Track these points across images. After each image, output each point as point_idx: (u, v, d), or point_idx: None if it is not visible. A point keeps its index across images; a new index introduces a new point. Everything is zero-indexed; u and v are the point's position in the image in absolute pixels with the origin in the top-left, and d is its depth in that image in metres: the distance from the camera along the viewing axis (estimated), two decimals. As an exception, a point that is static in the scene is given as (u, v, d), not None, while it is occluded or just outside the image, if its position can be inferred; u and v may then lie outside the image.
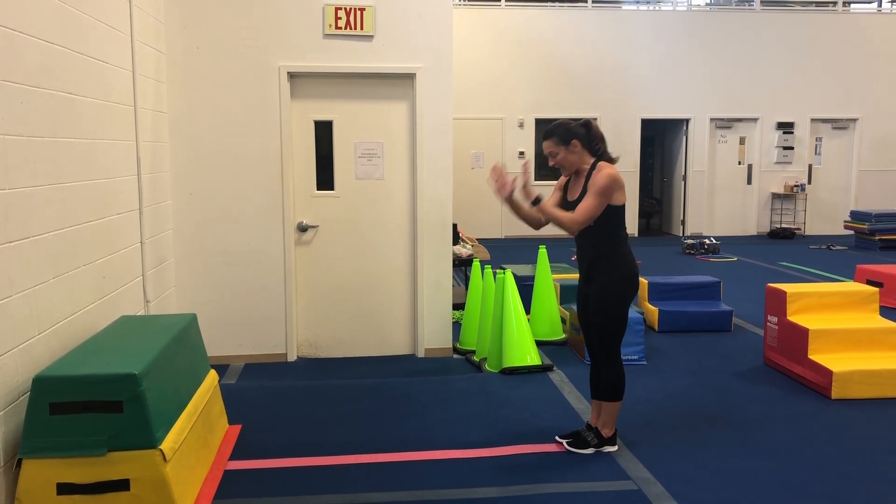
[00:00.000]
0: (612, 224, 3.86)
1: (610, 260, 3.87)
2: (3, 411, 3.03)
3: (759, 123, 14.66)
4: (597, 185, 3.72)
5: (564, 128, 3.83)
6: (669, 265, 10.78)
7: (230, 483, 3.67)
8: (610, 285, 3.87)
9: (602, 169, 3.75)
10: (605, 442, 4.03)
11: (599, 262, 3.89)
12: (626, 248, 3.93)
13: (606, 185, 3.70)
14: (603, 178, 3.71)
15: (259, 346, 5.86)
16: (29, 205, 3.27)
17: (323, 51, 5.68)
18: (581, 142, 3.82)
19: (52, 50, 3.54)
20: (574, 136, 3.81)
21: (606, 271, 3.87)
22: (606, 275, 3.87)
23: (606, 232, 3.86)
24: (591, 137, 3.85)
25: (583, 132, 3.84)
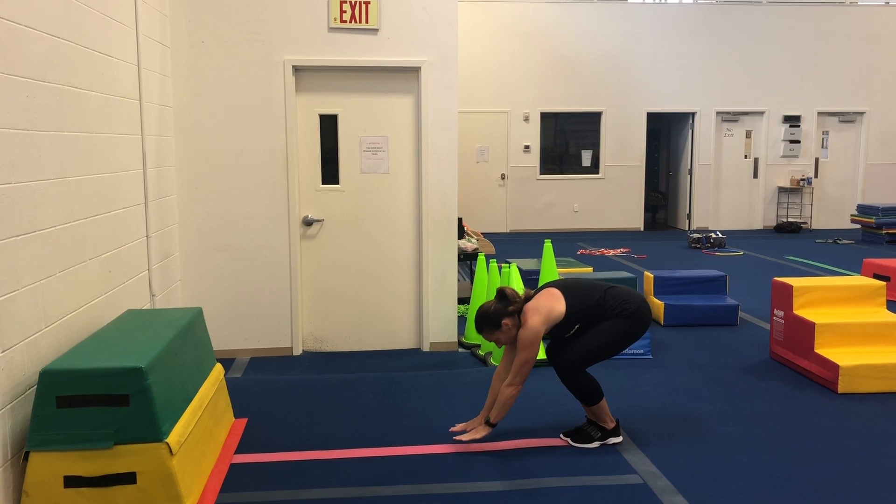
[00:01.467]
0: (577, 319, 3.91)
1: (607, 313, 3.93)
2: (11, 405, 3.04)
3: (766, 117, 14.60)
4: (521, 342, 3.82)
5: (487, 317, 3.89)
6: (675, 259, 10.76)
7: (236, 476, 3.68)
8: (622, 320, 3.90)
9: (526, 324, 3.81)
10: (608, 434, 4.03)
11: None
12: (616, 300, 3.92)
13: (529, 340, 3.79)
14: (526, 335, 3.81)
15: (265, 340, 5.87)
16: (34, 199, 3.28)
17: (328, 44, 5.68)
18: (508, 317, 3.86)
19: (57, 43, 3.54)
20: (500, 318, 3.87)
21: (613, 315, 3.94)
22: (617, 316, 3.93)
23: (583, 319, 3.91)
24: (510, 304, 3.87)
25: (502, 307, 3.87)
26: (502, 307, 3.86)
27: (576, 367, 3.92)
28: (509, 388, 3.87)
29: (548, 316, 3.82)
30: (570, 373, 3.93)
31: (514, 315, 3.86)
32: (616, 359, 5.66)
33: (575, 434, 4.07)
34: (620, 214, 14.52)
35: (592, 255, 11.11)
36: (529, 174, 14.27)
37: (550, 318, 3.83)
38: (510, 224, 14.28)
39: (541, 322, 3.80)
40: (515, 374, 3.84)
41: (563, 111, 14.24)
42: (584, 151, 14.47)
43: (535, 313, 3.81)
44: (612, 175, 14.44)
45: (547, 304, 3.85)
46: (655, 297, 6.90)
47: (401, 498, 3.46)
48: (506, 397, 3.88)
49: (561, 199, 14.38)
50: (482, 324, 3.89)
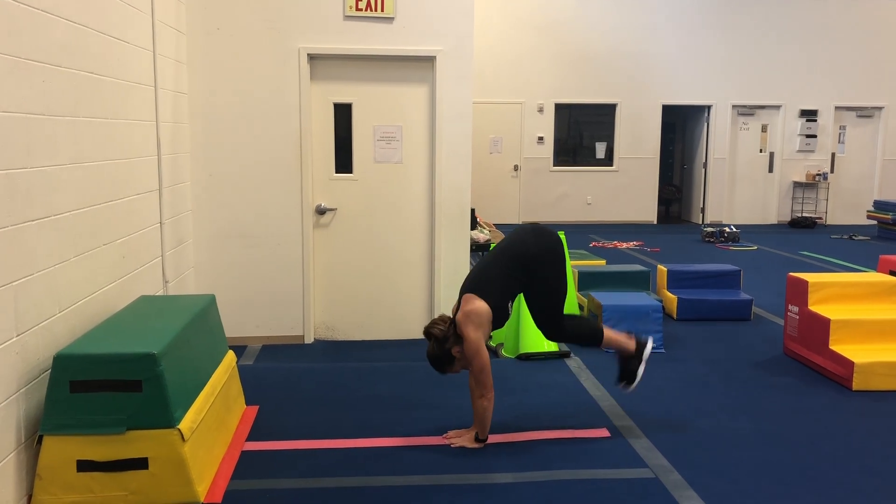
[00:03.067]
0: (504, 299, 3.90)
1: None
2: (25, 388, 3.06)
3: (782, 111, 14.48)
4: (467, 355, 3.82)
5: (438, 359, 3.88)
6: (688, 253, 10.70)
7: (247, 463, 3.69)
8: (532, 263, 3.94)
9: (465, 338, 3.79)
10: (640, 354, 4.08)
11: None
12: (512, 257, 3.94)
13: (473, 350, 3.78)
14: (468, 348, 3.79)
15: (276, 328, 5.88)
16: (50, 183, 3.28)
17: (343, 32, 5.66)
18: (452, 346, 3.84)
19: (74, 28, 3.54)
20: (447, 352, 3.85)
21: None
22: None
23: (510, 294, 3.93)
24: (444, 339, 3.85)
25: (440, 344, 3.85)
26: (440, 343, 3.84)
27: (558, 328, 3.99)
28: (480, 401, 3.85)
29: (477, 320, 3.79)
30: (557, 334, 4.02)
31: (455, 340, 3.84)
32: (628, 352, 5.63)
33: (623, 375, 4.12)
34: (634, 207, 14.45)
35: (605, 248, 11.07)
36: (543, 166, 14.22)
37: (480, 321, 3.79)
38: (523, 215, 14.24)
39: (473, 330, 3.78)
40: (479, 385, 3.83)
41: (578, 103, 14.17)
42: (598, 143, 14.40)
43: (466, 325, 3.79)
44: (626, 167, 14.37)
45: (470, 308, 3.80)
46: (668, 291, 6.86)
47: (411, 488, 3.45)
48: (480, 411, 3.87)
49: (574, 191, 14.33)
50: (440, 366, 3.89)
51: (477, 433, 3.92)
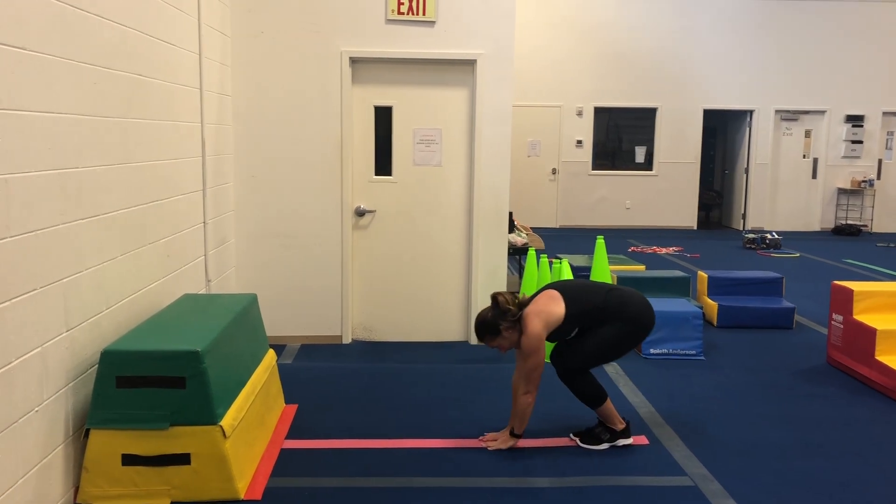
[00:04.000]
0: (577, 322, 3.85)
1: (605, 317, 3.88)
2: (73, 382, 3.13)
3: (827, 116, 14.21)
4: (525, 349, 3.80)
5: (486, 325, 3.84)
6: (729, 260, 10.56)
7: (286, 461, 3.73)
8: (623, 323, 3.86)
9: (527, 330, 3.77)
10: (618, 435, 3.98)
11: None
12: (618, 302, 3.87)
13: (533, 346, 3.75)
14: (528, 342, 3.78)
15: (315, 328, 5.93)
16: (99, 183, 3.36)
17: (385, 36, 5.69)
18: (505, 323, 3.81)
19: (124, 32, 3.62)
20: (498, 325, 3.81)
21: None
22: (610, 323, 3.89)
23: (583, 321, 3.86)
24: (504, 312, 3.81)
25: (499, 314, 3.81)
26: (499, 313, 3.81)
27: (577, 371, 3.90)
28: (525, 397, 3.84)
29: (547, 319, 3.77)
30: (572, 376, 3.91)
31: (513, 320, 3.82)
32: (667, 359, 5.58)
33: (584, 435, 4.02)
34: (674, 212, 14.30)
35: (644, 253, 10.97)
36: (581, 169, 14.14)
37: (550, 322, 3.78)
38: (560, 219, 14.17)
39: (541, 327, 3.76)
40: (528, 382, 3.81)
41: (618, 106, 14.06)
42: (638, 147, 14.28)
43: (535, 317, 3.76)
44: (666, 172, 14.22)
45: (546, 307, 3.80)
46: (709, 298, 6.78)
47: (447, 490, 3.46)
48: (523, 406, 3.85)
49: (613, 196, 14.22)
50: (482, 332, 3.86)
51: (513, 427, 3.91)
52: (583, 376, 3.91)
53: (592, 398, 3.93)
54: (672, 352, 5.63)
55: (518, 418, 3.89)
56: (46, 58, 2.90)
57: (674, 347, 5.63)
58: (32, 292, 2.80)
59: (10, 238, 2.66)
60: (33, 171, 2.80)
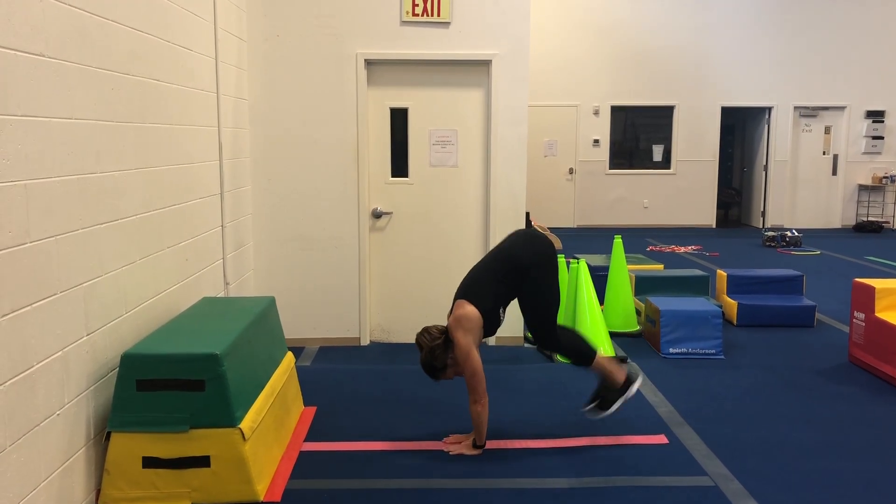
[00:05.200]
0: (496, 305, 3.89)
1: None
2: (94, 386, 3.16)
3: (847, 112, 14.07)
4: (460, 361, 3.79)
5: (432, 366, 3.85)
6: (749, 258, 10.48)
7: (305, 463, 3.75)
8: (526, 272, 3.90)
9: (456, 345, 3.79)
10: (625, 388, 4.01)
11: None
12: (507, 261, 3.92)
13: (463, 355, 3.77)
14: (459, 354, 3.78)
15: (333, 330, 5.95)
16: (118, 188, 3.39)
17: (400, 38, 5.70)
18: (443, 354, 3.83)
19: (140, 37, 3.65)
20: (437, 359, 3.83)
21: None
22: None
23: (504, 299, 3.92)
24: (433, 348, 3.82)
25: (430, 353, 3.83)
26: (430, 353, 3.82)
27: (552, 335, 3.95)
28: (474, 407, 3.83)
29: (466, 325, 3.77)
30: (547, 343, 3.98)
31: (445, 347, 3.82)
32: (686, 358, 5.55)
33: (595, 400, 4.07)
34: (692, 211, 14.21)
35: (662, 252, 10.91)
36: (598, 168, 14.09)
37: (470, 326, 3.77)
38: (577, 219, 14.12)
39: (462, 335, 3.76)
40: (472, 392, 3.81)
41: (634, 105, 14.00)
42: (655, 146, 14.20)
43: (456, 329, 3.78)
44: (684, 170, 14.14)
45: (460, 314, 3.79)
46: (728, 297, 6.73)
47: (466, 491, 3.46)
48: (476, 416, 3.85)
49: (630, 195, 14.15)
50: (432, 374, 3.88)
51: (475, 439, 3.90)
52: (559, 336, 3.96)
53: (584, 353, 3.97)
54: (691, 351, 5.59)
55: (476, 429, 3.88)
56: (65, 64, 2.93)
57: (693, 347, 5.59)
58: (53, 297, 2.83)
59: (31, 243, 2.69)
60: (53, 176, 2.83)
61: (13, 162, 2.58)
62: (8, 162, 2.55)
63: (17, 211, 2.60)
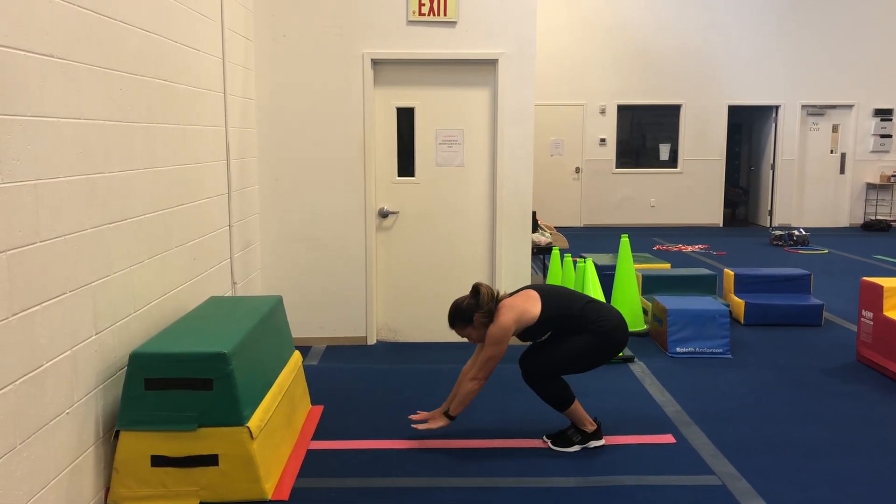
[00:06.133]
0: (550, 325, 3.85)
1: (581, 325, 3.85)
2: (103, 385, 3.17)
3: (855, 110, 14.02)
4: (490, 338, 3.78)
5: (460, 312, 3.84)
6: (756, 257, 10.45)
7: (313, 462, 3.76)
8: (595, 337, 3.82)
9: (497, 320, 3.77)
10: (589, 437, 3.93)
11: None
12: (594, 314, 3.84)
13: (498, 336, 3.74)
14: (494, 331, 3.77)
15: (340, 329, 5.96)
16: (126, 188, 3.40)
17: (406, 37, 5.71)
18: (480, 313, 3.80)
19: (149, 38, 3.67)
20: (472, 314, 3.81)
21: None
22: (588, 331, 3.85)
23: (556, 326, 3.86)
24: (482, 303, 3.80)
25: (475, 303, 3.81)
26: (475, 303, 3.80)
27: (541, 376, 3.87)
28: (471, 383, 3.82)
29: (520, 316, 3.76)
30: (538, 379, 3.88)
31: (487, 312, 3.80)
32: (693, 357, 5.54)
33: (556, 437, 3.97)
34: (699, 210, 14.18)
35: (669, 251, 10.89)
36: (605, 168, 14.07)
37: (522, 319, 3.76)
38: (584, 218, 14.11)
39: (512, 320, 3.74)
40: (480, 369, 3.80)
41: (641, 104, 13.97)
42: (662, 145, 14.18)
43: (509, 311, 3.76)
44: (691, 169, 14.11)
45: (522, 304, 3.79)
46: (735, 296, 6.72)
47: (473, 490, 3.46)
48: (467, 391, 3.84)
49: (637, 194, 14.13)
50: (454, 318, 3.85)
51: (448, 409, 3.90)
52: (549, 379, 3.87)
53: (559, 401, 3.88)
54: (698, 350, 5.58)
55: (458, 401, 3.87)
56: (73, 65, 2.94)
57: (700, 346, 5.58)
58: (62, 296, 2.84)
59: (41, 243, 2.70)
60: (62, 176, 2.85)
61: (23, 162, 2.59)
62: (18, 162, 2.56)
63: (27, 211, 2.62)
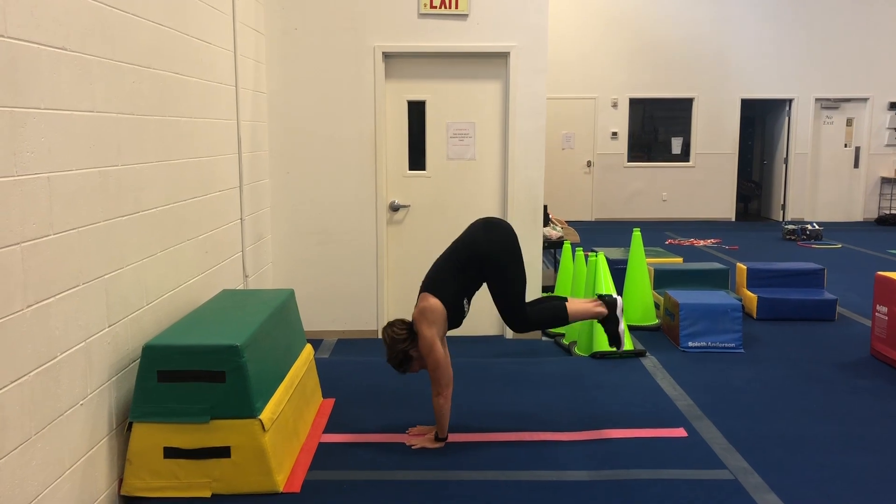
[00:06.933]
0: (460, 296, 3.86)
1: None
2: (116, 377, 3.19)
3: (869, 104, 13.90)
4: (423, 351, 3.77)
5: (397, 360, 3.84)
6: (768, 251, 10.39)
7: (325, 455, 3.76)
8: (485, 255, 3.87)
9: (419, 336, 3.77)
10: (612, 313, 4.01)
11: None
12: (464, 245, 3.90)
13: (427, 347, 3.75)
14: (422, 345, 3.76)
15: (351, 322, 5.97)
16: (139, 181, 3.41)
17: (418, 30, 5.70)
18: (408, 347, 3.80)
19: (160, 31, 3.67)
20: (405, 352, 3.81)
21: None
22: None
23: (465, 293, 3.89)
24: (395, 341, 3.80)
25: (394, 345, 3.80)
26: (393, 345, 3.80)
27: (522, 319, 3.90)
28: (437, 399, 3.81)
29: (430, 317, 3.75)
30: (522, 325, 3.92)
31: (409, 339, 3.80)
32: (705, 352, 5.52)
33: (611, 342, 4.08)
34: (711, 204, 14.11)
35: (681, 246, 10.85)
36: (616, 161, 14.02)
37: (434, 318, 3.75)
38: (595, 212, 14.07)
39: (426, 327, 3.74)
40: (436, 384, 3.80)
41: (653, 97, 13.90)
42: (674, 139, 14.11)
43: (421, 321, 3.76)
44: (703, 163, 14.04)
45: (423, 306, 3.77)
46: (748, 290, 6.69)
47: (484, 483, 3.46)
48: (438, 410, 3.83)
49: (649, 188, 14.07)
50: (399, 366, 3.86)
51: (437, 432, 3.90)
52: (530, 315, 3.91)
53: (557, 316, 3.95)
54: (711, 345, 5.56)
55: (438, 423, 3.87)
56: (87, 58, 2.95)
57: (713, 340, 5.56)
58: (75, 288, 2.86)
59: (54, 235, 2.71)
60: (75, 169, 2.86)
61: (37, 154, 2.60)
62: (32, 154, 2.57)
63: (41, 203, 2.63)
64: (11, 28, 2.47)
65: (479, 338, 6.02)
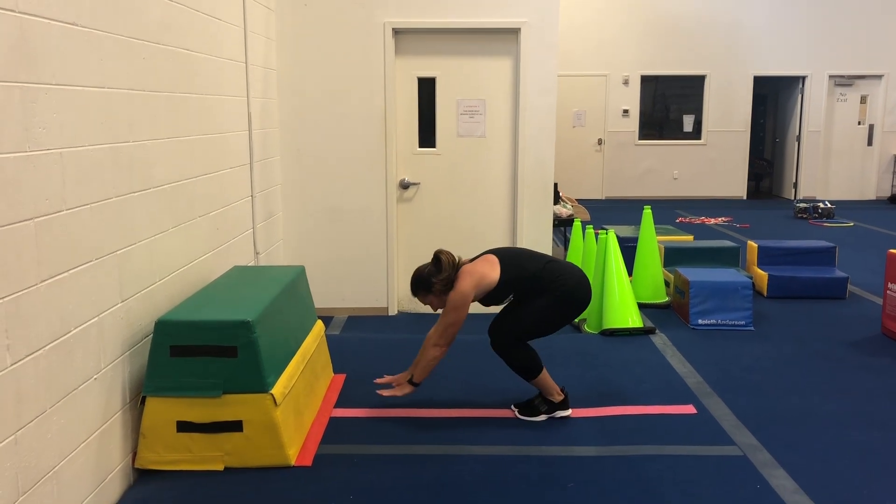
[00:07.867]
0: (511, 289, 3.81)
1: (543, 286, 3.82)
2: (130, 351, 3.22)
3: (884, 80, 13.74)
4: (449, 303, 3.74)
5: (420, 279, 3.81)
6: (780, 229, 10.35)
7: (336, 429, 3.80)
8: (556, 297, 3.80)
9: (456, 287, 3.72)
10: (556, 407, 3.92)
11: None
12: (554, 275, 3.81)
13: (457, 302, 3.70)
14: (454, 297, 3.71)
15: (361, 300, 6.00)
16: (150, 157, 3.43)
17: (428, 6, 5.66)
18: (439, 280, 3.76)
19: (171, 6, 3.66)
20: (432, 281, 3.77)
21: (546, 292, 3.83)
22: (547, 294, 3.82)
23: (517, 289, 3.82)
24: (441, 270, 3.75)
25: (435, 271, 3.77)
26: (435, 270, 3.77)
27: (508, 344, 3.84)
28: (434, 349, 3.79)
29: (479, 281, 3.72)
30: (505, 347, 3.85)
31: (446, 279, 3.76)
32: (715, 329, 5.51)
33: (524, 407, 3.97)
34: (723, 182, 14.03)
35: (692, 224, 10.81)
36: (628, 139, 13.94)
37: (482, 284, 3.73)
38: (606, 191, 14.02)
39: (470, 286, 3.70)
40: (441, 335, 3.76)
41: (665, 74, 13.79)
42: (686, 116, 14.01)
43: (468, 276, 3.72)
44: (715, 141, 13.94)
45: (480, 269, 3.75)
46: (759, 268, 6.67)
47: (494, 458, 3.49)
48: (430, 357, 3.81)
49: (660, 166, 14.00)
50: (415, 286, 3.83)
51: (413, 376, 3.89)
52: (517, 348, 3.85)
53: (527, 370, 3.86)
54: (721, 322, 5.55)
55: (421, 368, 3.85)
56: (98, 33, 2.95)
57: (723, 318, 5.55)
58: (88, 263, 2.88)
59: (67, 210, 2.73)
60: (87, 145, 2.87)
61: (49, 130, 2.62)
62: (44, 130, 2.59)
63: (54, 179, 2.65)
64: (22, 2, 2.48)
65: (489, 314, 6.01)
